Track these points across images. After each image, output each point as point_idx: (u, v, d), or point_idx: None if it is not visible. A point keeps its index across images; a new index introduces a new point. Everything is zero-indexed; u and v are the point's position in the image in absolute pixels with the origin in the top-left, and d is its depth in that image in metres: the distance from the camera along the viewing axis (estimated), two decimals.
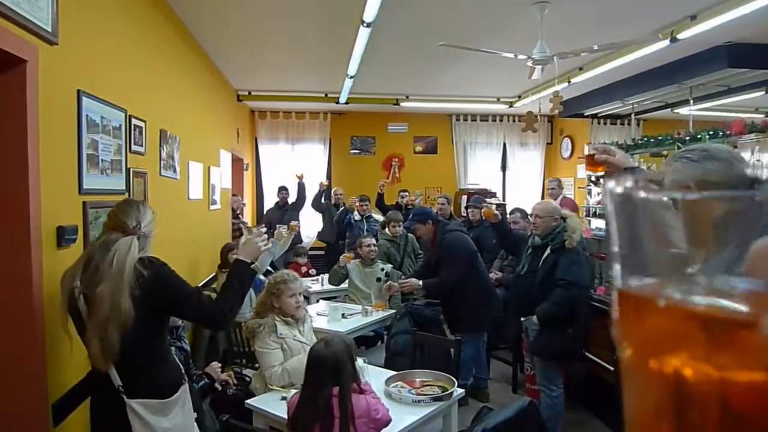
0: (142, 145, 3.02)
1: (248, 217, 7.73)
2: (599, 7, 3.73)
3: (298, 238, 6.48)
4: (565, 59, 3.79)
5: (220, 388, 2.68)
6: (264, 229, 2.23)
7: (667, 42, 4.10)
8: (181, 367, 2.06)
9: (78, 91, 2.26)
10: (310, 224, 7.54)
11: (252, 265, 2.08)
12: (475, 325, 4.07)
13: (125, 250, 1.83)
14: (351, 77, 5.53)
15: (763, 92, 5.35)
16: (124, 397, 1.86)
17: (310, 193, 7.24)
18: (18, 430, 1.90)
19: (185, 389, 2.00)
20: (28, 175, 1.88)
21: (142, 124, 3.02)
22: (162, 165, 3.45)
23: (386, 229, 5.60)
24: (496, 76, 5.99)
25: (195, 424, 2.02)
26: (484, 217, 3.94)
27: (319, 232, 7.65)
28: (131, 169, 2.85)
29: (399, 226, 5.46)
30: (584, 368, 3.81)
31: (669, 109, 6.54)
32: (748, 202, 0.30)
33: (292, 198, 7.15)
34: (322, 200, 7.23)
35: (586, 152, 1.92)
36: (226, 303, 1.99)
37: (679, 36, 4.00)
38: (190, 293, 1.95)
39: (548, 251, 3.38)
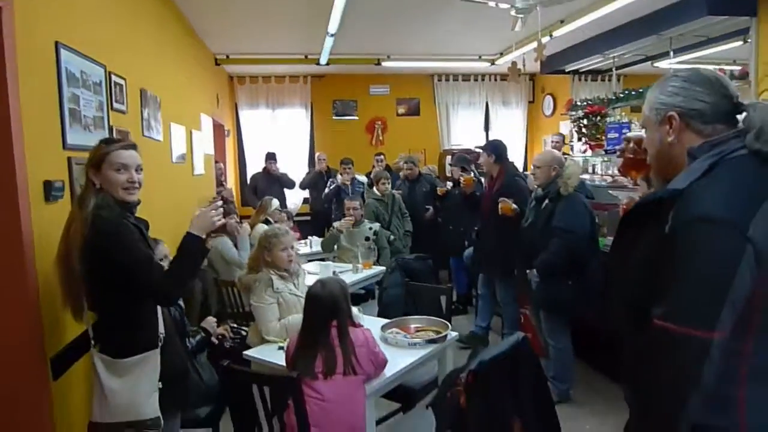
0: (123, 103, 2.96)
1: (231, 184, 7.66)
2: None
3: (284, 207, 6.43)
4: (547, 8, 3.76)
5: (216, 342, 2.70)
6: (220, 202, 2.15)
7: None
8: (160, 334, 1.98)
9: (56, 42, 2.19)
10: (297, 192, 7.48)
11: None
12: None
13: (75, 206, 1.84)
14: (332, 35, 5.43)
15: (741, 42, 5.39)
16: (93, 348, 1.90)
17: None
18: (18, 384, 1.90)
19: (150, 357, 1.91)
20: (10, 126, 1.84)
21: (122, 81, 2.95)
22: (144, 125, 3.39)
23: (374, 188, 5.62)
24: (478, 32, 5.94)
25: (154, 397, 1.91)
26: (501, 213, 3.81)
27: (305, 199, 7.63)
28: (114, 127, 2.79)
29: (387, 183, 5.49)
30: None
31: (649, 63, 6.55)
32: None
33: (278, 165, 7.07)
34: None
35: (623, 149, 1.69)
36: (178, 278, 1.90)
37: None
38: (140, 261, 1.83)
39: (546, 201, 3.35)
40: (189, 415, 2.45)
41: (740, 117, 1.25)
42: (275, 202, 5.18)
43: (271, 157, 6.98)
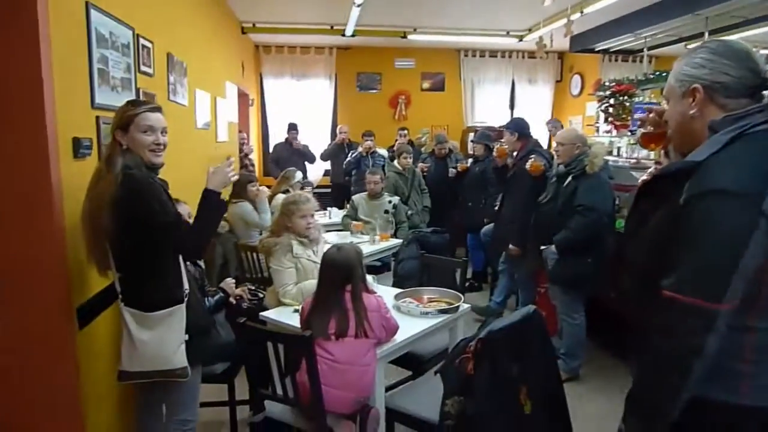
0: (150, 67, 3.01)
1: (254, 153, 7.72)
2: None
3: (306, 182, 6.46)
4: None
5: (234, 302, 2.78)
6: (232, 159, 2.21)
7: None
8: (185, 290, 2.05)
9: (87, 2, 2.23)
10: (317, 164, 7.51)
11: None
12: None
13: (96, 169, 1.89)
14: (358, 5, 5.38)
15: None
16: (121, 303, 1.98)
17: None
18: (45, 332, 1.99)
19: (177, 311, 1.98)
20: (42, 83, 1.89)
21: (149, 44, 2.99)
22: (170, 90, 3.44)
23: (395, 162, 5.63)
24: (507, 7, 5.83)
25: (181, 348, 1.99)
26: (530, 170, 3.78)
27: (326, 171, 7.67)
28: (141, 90, 2.85)
29: (409, 157, 5.50)
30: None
31: (683, 44, 6.36)
32: None
33: (300, 136, 7.10)
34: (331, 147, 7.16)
35: (644, 119, 1.64)
36: (203, 231, 1.99)
37: None
38: (171, 218, 1.91)
39: (569, 178, 3.35)
40: (206, 370, 2.54)
41: (766, 93, 1.23)
42: (299, 175, 5.23)
43: (293, 127, 7.01)
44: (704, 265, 1.10)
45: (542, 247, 3.55)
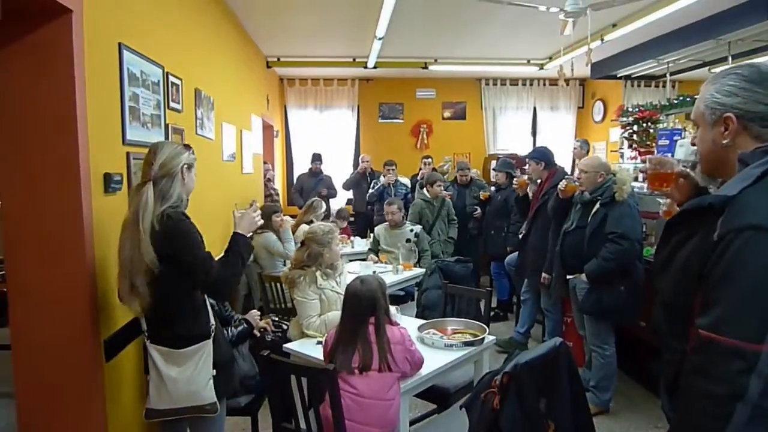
0: (179, 103, 3.10)
1: (279, 183, 7.84)
2: None
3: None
4: (598, 11, 3.70)
5: (258, 334, 2.79)
6: (257, 204, 2.26)
7: None
8: (211, 325, 2.07)
9: (119, 44, 2.33)
10: (340, 193, 7.57)
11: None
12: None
13: (140, 199, 1.91)
14: (380, 39, 5.49)
15: None
16: (146, 340, 2.00)
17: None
18: (73, 363, 2.03)
19: (205, 346, 2.00)
20: (76, 121, 1.97)
21: (178, 81, 3.09)
22: (198, 124, 3.54)
23: (425, 190, 5.61)
24: (527, 36, 5.88)
25: (210, 384, 2.00)
26: (563, 193, 3.65)
27: (348, 200, 7.72)
28: (170, 125, 2.93)
29: (441, 186, 5.47)
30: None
31: (706, 68, 6.31)
32: None
33: (323, 166, 7.19)
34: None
35: (647, 171, 1.72)
36: (230, 273, 2.01)
37: None
38: (201, 259, 1.94)
39: (597, 206, 3.30)
40: (230, 403, 2.54)
41: None
42: (324, 205, 5.27)
43: (317, 158, 7.11)
44: (743, 304, 1.05)
45: (569, 277, 3.48)
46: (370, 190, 6.55)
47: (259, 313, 2.87)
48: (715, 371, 1.06)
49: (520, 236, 4.48)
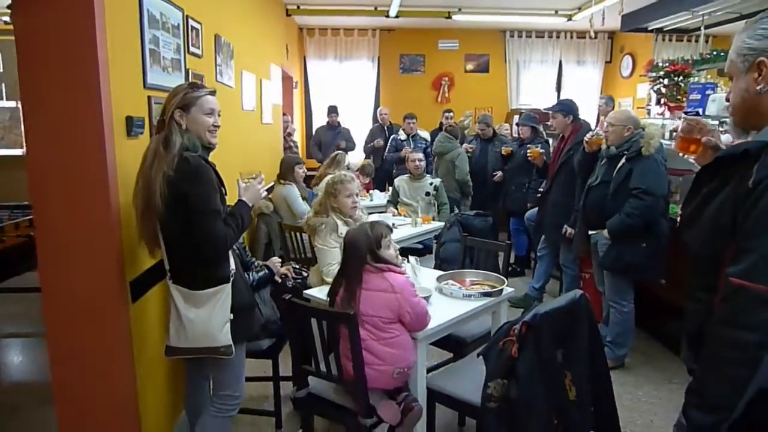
0: (199, 48, 3.06)
1: (298, 136, 7.80)
2: None
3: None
4: None
5: (279, 280, 2.83)
6: (263, 175, 2.23)
7: None
8: (231, 269, 2.08)
9: None
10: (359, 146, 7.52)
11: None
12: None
13: (153, 146, 1.94)
14: None
15: None
16: (169, 280, 2.04)
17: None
18: (99, 304, 2.08)
19: (223, 290, 2.02)
20: (98, 63, 1.95)
21: (198, 26, 3.04)
22: (218, 71, 3.49)
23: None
24: None
25: (226, 327, 2.02)
26: (590, 146, 3.58)
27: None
28: (190, 71, 2.90)
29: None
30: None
31: (744, 22, 6.01)
32: None
33: (340, 119, 7.11)
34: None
35: (679, 130, 1.64)
36: (231, 235, 2.00)
37: None
38: (208, 211, 1.92)
39: (623, 160, 3.23)
40: (251, 346, 2.61)
41: None
42: (348, 158, 5.24)
43: (333, 110, 7.03)
44: None
45: (591, 232, 3.45)
46: (385, 153, 6.48)
47: (280, 260, 2.90)
48: (745, 319, 1.04)
49: (540, 192, 4.43)
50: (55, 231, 2.03)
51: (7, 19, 5.38)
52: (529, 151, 3.58)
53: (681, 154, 1.65)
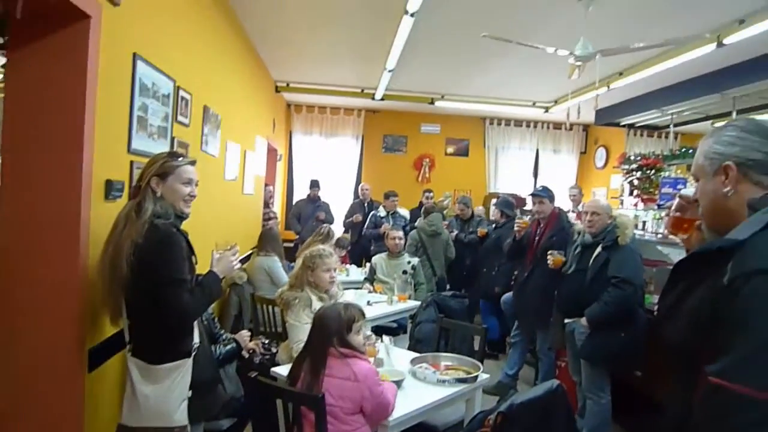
0: (187, 117, 3.11)
1: (278, 207, 7.83)
2: (645, 5, 3.71)
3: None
4: (607, 57, 3.76)
5: (247, 355, 2.72)
6: (237, 247, 2.22)
7: (713, 46, 4.04)
8: (194, 343, 2.02)
9: (134, 54, 2.34)
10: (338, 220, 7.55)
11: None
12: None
13: (125, 211, 1.93)
14: (390, 71, 5.57)
15: None
16: (128, 353, 1.95)
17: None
18: (54, 371, 1.96)
19: (183, 365, 1.95)
20: (84, 128, 1.96)
21: (188, 96, 3.10)
22: (203, 140, 3.54)
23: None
24: (534, 78, 5.98)
25: (183, 406, 1.94)
26: (552, 266, 3.67)
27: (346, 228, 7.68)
28: (175, 138, 2.93)
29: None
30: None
31: (709, 122, 6.40)
32: None
33: (321, 193, 7.18)
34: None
35: (672, 209, 1.59)
36: (197, 306, 1.96)
37: (726, 41, 3.93)
38: (174, 281, 1.88)
39: (599, 249, 3.26)
40: (210, 426, 2.46)
41: None
42: (334, 234, 5.23)
43: (314, 184, 7.11)
44: (754, 351, 1.02)
45: (567, 320, 3.43)
46: (364, 229, 6.53)
47: (249, 333, 2.82)
48: (724, 421, 1.02)
49: (516, 277, 4.43)
50: (16, 287, 1.95)
51: None
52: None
53: (671, 235, 1.66)
